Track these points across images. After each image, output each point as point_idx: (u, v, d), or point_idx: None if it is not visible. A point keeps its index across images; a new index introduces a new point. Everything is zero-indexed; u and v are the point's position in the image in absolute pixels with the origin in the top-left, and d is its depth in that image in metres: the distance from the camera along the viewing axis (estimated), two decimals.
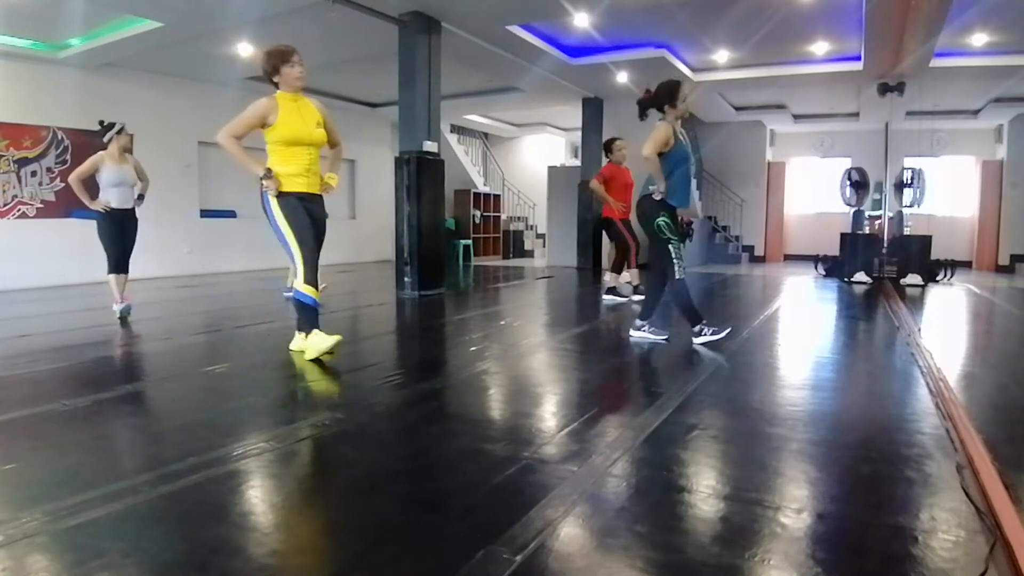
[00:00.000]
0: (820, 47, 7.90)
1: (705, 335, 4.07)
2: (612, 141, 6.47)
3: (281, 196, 3.50)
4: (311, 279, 3.55)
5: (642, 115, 4.22)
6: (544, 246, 13.35)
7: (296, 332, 3.77)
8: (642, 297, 6.20)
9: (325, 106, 3.73)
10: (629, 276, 6.50)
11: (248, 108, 3.47)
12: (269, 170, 3.44)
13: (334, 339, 3.55)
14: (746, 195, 12.67)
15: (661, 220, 4.00)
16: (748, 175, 12.58)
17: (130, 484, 1.89)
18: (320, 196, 3.68)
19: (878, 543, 1.58)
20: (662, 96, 4.06)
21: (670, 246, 4.02)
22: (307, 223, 3.55)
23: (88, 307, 6.09)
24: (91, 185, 4.98)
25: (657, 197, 3.99)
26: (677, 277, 4.00)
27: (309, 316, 3.60)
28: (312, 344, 3.58)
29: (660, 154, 3.94)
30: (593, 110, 10.67)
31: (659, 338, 4.19)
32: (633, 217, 6.71)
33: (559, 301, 7.04)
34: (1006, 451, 2.17)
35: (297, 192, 3.53)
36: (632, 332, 4.31)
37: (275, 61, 3.51)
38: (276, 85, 3.55)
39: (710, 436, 2.45)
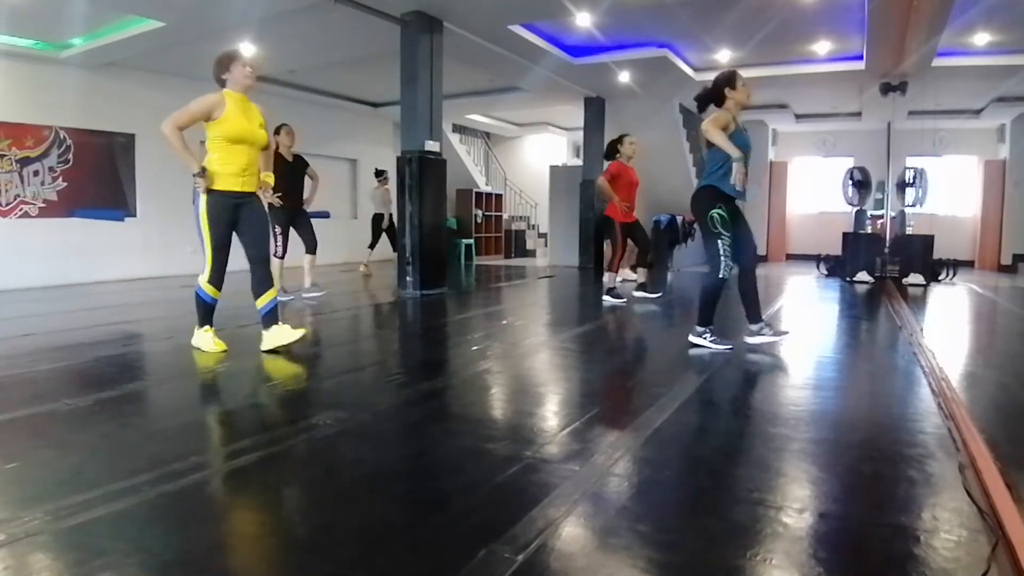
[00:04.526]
0: (822, 46, 7.88)
1: (704, 339, 3.93)
2: (622, 137, 6.31)
3: (211, 194, 3.58)
4: (215, 281, 3.75)
5: (702, 109, 4.05)
6: (546, 246, 13.35)
7: (267, 329, 3.87)
8: (616, 300, 6.12)
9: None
10: (609, 279, 6.30)
11: (195, 100, 3.53)
12: (204, 169, 3.54)
13: (217, 348, 3.80)
14: (748, 194, 12.64)
15: (715, 212, 3.83)
16: (750, 174, 12.52)
17: (132, 483, 1.89)
18: (255, 195, 3.80)
19: (880, 543, 1.58)
20: (720, 84, 3.94)
21: (719, 241, 3.82)
22: (227, 230, 3.69)
23: (90, 307, 6.10)
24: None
25: (736, 155, 3.76)
26: (720, 275, 3.81)
27: (204, 311, 3.84)
28: (199, 340, 3.86)
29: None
30: (595, 110, 10.67)
31: (725, 347, 3.91)
32: (643, 217, 6.70)
33: (561, 300, 7.04)
34: (1008, 451, 2.17)
35: (231, 191, 3.63)
36: (691, 337, 4.02)
37: (227, 61, 3.66)
38: (223, 84, 3.66)
39: (712, 435, 2.45)
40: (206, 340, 3.83)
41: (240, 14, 6.26)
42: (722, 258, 3.81)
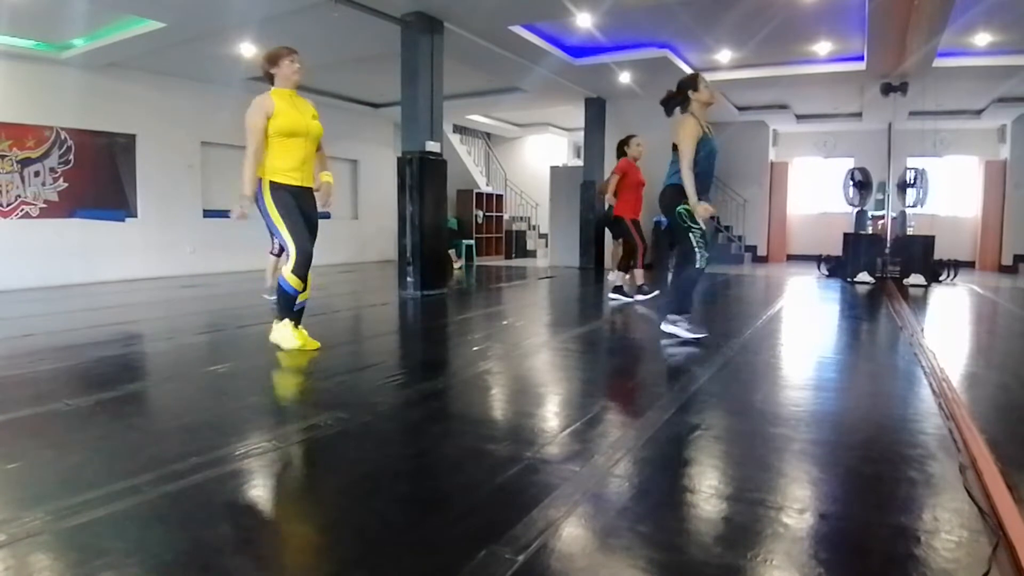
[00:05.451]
0: (823, 47, 7.88)
1: (678, 326, 4.10)
2: (629, 138, 6.43)
3: (273, 188, 3.60)
4: (299, 271, 3.64)
5: (669, 112, 4.22)
6: (546, 246, 13.34)
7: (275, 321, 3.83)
8: (646, 297, 6.26)
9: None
10: (635, 277, 6.46)
11: (248, 114, 3.55)
12: (251, 198, 3.55)
13: (295, 344, 3.70)
14: (749, 195, 12.66)
15: (682, 208, 3.98)
16: (751, 175, 12.56)
17: (132, 483, 1.89)
18: (311, 191, 3.78)
19: (881, 543, 1.58)
20: (684, 87, 4.10)
21: (691, 234, 3.99)
22: (299, 215, 3.64)
23: (91, 307, 6.10)
24: None
25: (686, 172, 3.91)
26: (697, 266, 4.00)
27: (286, 304, 3.73)
28: (279, 334, 3.75)
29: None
30: (596, 110, 10.67)
31: (699, 335, 4.09)
32: (645, 218, 6.76)
33: (561, 301, 7.04)
34: (1009, 451, 2.16)
35: (290, 186, 3.63)
36: (664, 326, 4.24)
37: (276, 57, 3.67)
38: (272, 81, 3.69)
39: (712, 436, 2.44)
40: (286, 335, 3.71)
41: (240, 14, 6.26)
42: (696, 250, 4.00)
